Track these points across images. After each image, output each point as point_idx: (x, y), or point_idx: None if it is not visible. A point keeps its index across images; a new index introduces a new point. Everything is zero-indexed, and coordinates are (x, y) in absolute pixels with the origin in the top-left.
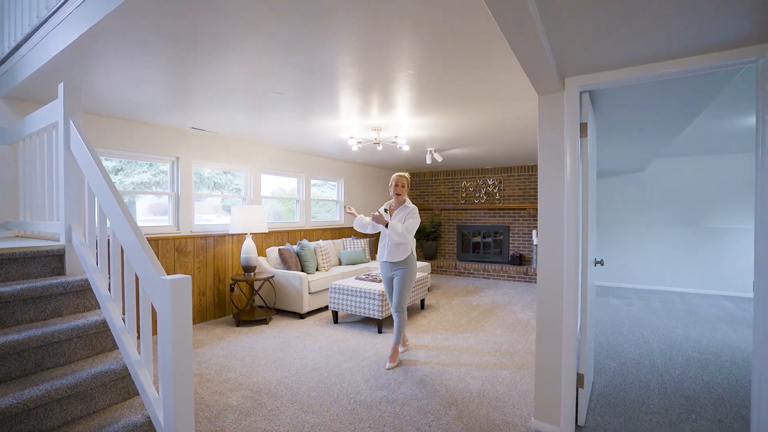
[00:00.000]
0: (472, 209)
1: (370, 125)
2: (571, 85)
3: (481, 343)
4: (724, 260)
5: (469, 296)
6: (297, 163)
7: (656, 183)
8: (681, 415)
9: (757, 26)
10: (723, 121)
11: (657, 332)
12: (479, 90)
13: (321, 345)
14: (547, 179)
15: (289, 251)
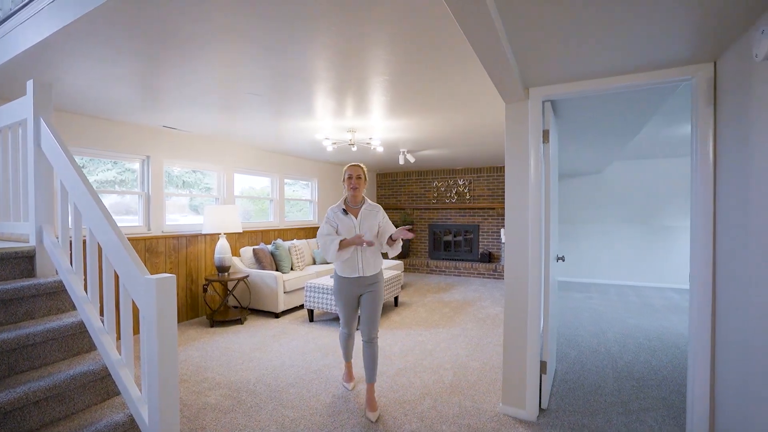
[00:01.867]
0: (443, 209)
1: (344, 126)
2: (535, 95)
3: (453, 338)
4: (671, 255)
5: (441, 293)
6: (271, 163)
7: (613, 184)
8: (631, 395)
9: (692, 50)
10: (668, 129)
11: (613, 323)
12: (450, 96)
13: (298, 343)
14: (513, 181)
15: (263, 251)
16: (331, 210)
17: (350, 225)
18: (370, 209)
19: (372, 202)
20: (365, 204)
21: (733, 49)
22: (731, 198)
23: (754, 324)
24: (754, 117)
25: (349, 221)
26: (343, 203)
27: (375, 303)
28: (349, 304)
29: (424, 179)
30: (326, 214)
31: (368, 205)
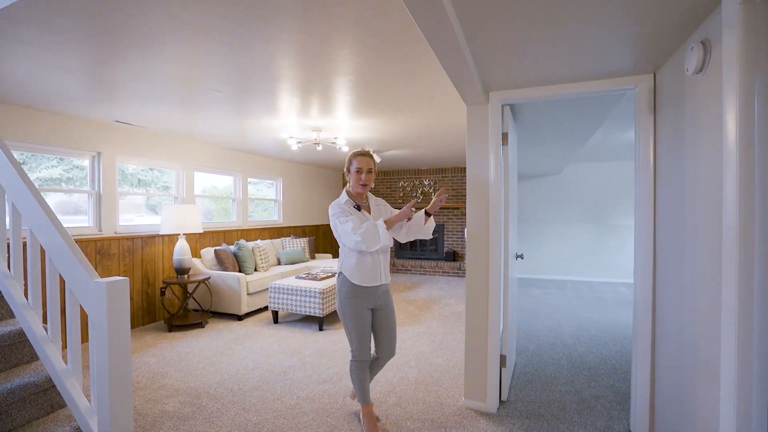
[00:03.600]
0: None
1: (310, 126)
2: (495, 98)
3: (418, 336)
4: (621, 252)
5: (406, 292)
6: (234, 161)
7: (569, 185)
8: (583, 384)
9: (634, 63)
10: (618, 134)
11: (568, 317)
12: (415, 98)
13: (262, 345)
14: (474, 181)
15: (225, 252)
16: (338, 206)
17: (365, 221)
18: (378, 205)
19: (379, 199)
20: (372, 200)
21: (669, 63)
22: (668, 199)
23: (687, 316)
24: (686, 125)
25: (365, 218)
26: (350, 199)
27: (393, 317)
28: (366, 320)
29: (390, 179)
30: (336, 209)
31: (375, 201)
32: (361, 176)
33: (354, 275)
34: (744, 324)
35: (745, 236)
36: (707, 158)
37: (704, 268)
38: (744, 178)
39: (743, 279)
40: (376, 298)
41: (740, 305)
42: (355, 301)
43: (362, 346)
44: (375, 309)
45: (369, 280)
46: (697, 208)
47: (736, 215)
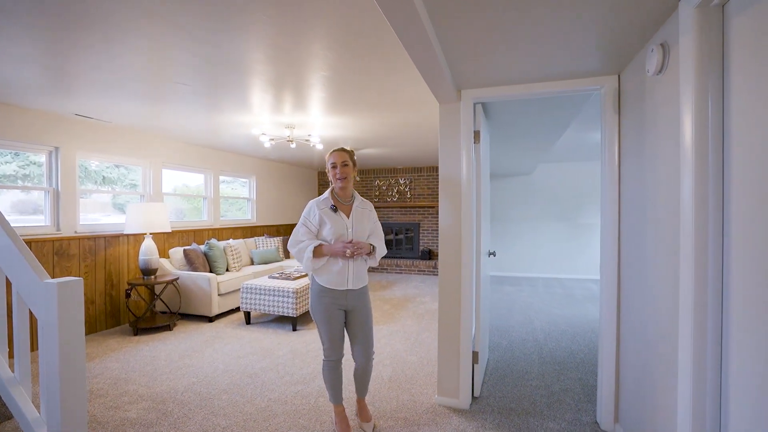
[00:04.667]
0: (385, 207)
1: (283, 122)
2: (466, 96)
3: (393, 334)
4: (590, 250)
5: (382, 291)
6: (205, 158)
7: (541, 184)
8: (553, 378)
9: (600, 64)
10: (586, 135)
11: (540, 313)
12: (390, 95)
13: (233, 347)
14: (446, 179)
15: (195, 251)
16: (315, 204)
17: (341, 226)
18: (363, 207)
19: (363, 199)
20: (357, 200)
21: (632, 64)
22: (631, 199)
23: (649, 313)
24: (646, 126)
25: (340, 221)
26: (331, 197)
27: (369, 319)
28: (336, 321)
29: (366, 178)
30: (305, 210)
31: (360, 202)
32: (336, 170)
33: (321, 277)
34: (699, 321)
35: (700, 235)
36: (666, 158)
37: (663, 267)
38: (699, 179)
39: (698, 278)
40: (348, 300)
41: (696, 303)
42: (322, 301)
43: (332, 346)
44: (348, 310)
45: (335, 284)
46: (657, 208)
47: (692, 216)
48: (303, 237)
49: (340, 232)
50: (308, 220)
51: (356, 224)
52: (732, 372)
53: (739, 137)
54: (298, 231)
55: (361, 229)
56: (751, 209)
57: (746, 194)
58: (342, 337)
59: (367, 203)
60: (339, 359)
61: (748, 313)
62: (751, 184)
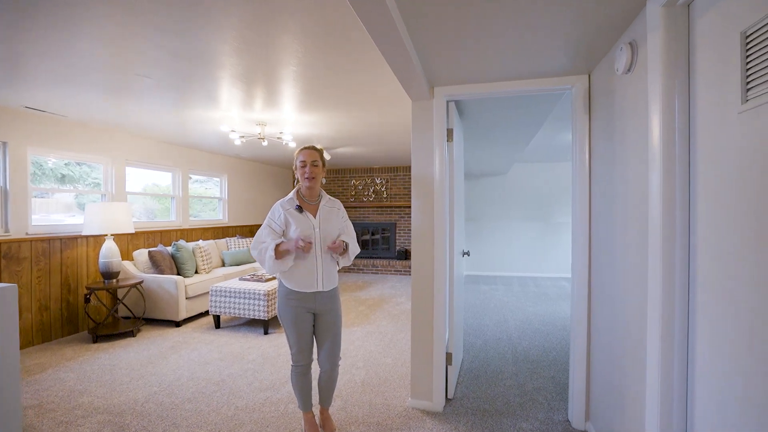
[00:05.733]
0: (361, 207)
1: (253, 119)
2: (439, 94)
3: (367, 335)
4: (563, 248)
5: (357, 291)
6: (173, 156)
7: (516, 184)
8: (526, 377)
9: (571, 63)
10: (559, 135)
11: (514, 312)
12: (362, 93)
13: (200, 353)
14: (418, 178)
15: (161, 253)
16: (280, 205)
17: (307, 226)
18: (331, 206)
19: (331, 197)
20: (324, 199)
21: (602, 63)
22: (601, 198)
23: (619, 312)
24: (615, 125)
25: (306, 221)
26: (297, 197)
27: (338, 323)
28: (305, 325)
29: (342, 177)
30: (270, 211)
31: (328, 201)
32: (306, 169)
33: (287, 279)
34: (666, 318)
35: (667, 234)
36: (634, 157)
37: (632, 266)
38: (667, 178)
39: (666, 277)
40: (317, 302)
41: (663, 302)
42: (289, 305)
43: (301, 351)
44: (317, 313)
45: (303, 286)
46: (627, 208)
47: (659, 214)
48: (266, 239)
49: (306, 232)
50: (273, 221)
51: (324, 224)
52: (698, 368)
53: (704, 137)
54: (261, 233)
55: (329, 228)
56: (717, 208)
57: (712, 193)
58: (311, 341)
59: (336, 202)
60: (308, 364)
61: (715, 310)
62: (717, 183)
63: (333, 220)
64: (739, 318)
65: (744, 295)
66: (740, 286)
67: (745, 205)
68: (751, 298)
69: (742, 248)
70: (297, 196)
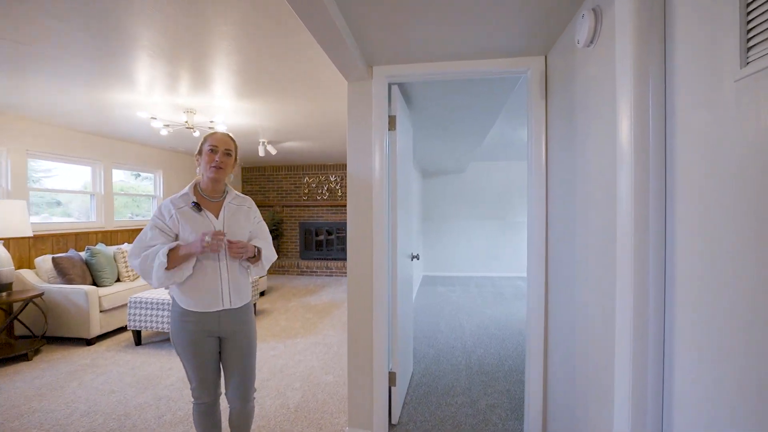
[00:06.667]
0: (315, 206)
1: (180, 105)
2: (379, 74)
3: (311, 348)
4: (519, 247)
5: (308, 296)
6: (93, 148)
7: (473, 183)
8: (480, 392)
9: (525, 42)
10: (515, 132)
11: (470, 315)
12: (308, 79)
13: (108, 378)
14: (355, 173)
15: (71, 259)
16: (171, 203)
17: (206, 228)
18: (239, 204)
19: (240, 194)
20: (230, 196)
21: (561, 40)
22: (560, 192)
23: (579, 322)
24: (576, 110)
25: (205, 222)
26: (193, 192)
27: (251, 348)
28: (207, 353)
29: (295, 174)
30: (156, 210)
31: (235, 198)
32: (216, 156)
33: (183, 296)
34: (639, 325)
35: (640, 234)
36: (597, 146)
37: (595, 268)
38: (639, 170)
39: (638, 280)
40: (222, 324)
41: (635, 311)
42: (188, 327)
43: (202, 385)
44: (224, 337)
45: (203, 304)
46: (589, 202)
47: (631, 214)
48: (152, 242)
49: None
50: (160, 221)
51: (229, 224)
52: (677, 376)
53: (688, 116)
54: (143, 236)
55: (237, 230)
56: (702, 202)
57: (694, 186)
58: (216, 371)
59: (246, 199)
60: (213, 401)
61: (695, 319)
62: (700, 174)
63: (242, 221)
64: (731, 316)
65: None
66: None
67: (742, 196)
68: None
69: (742, 250)
70: (194, 192)
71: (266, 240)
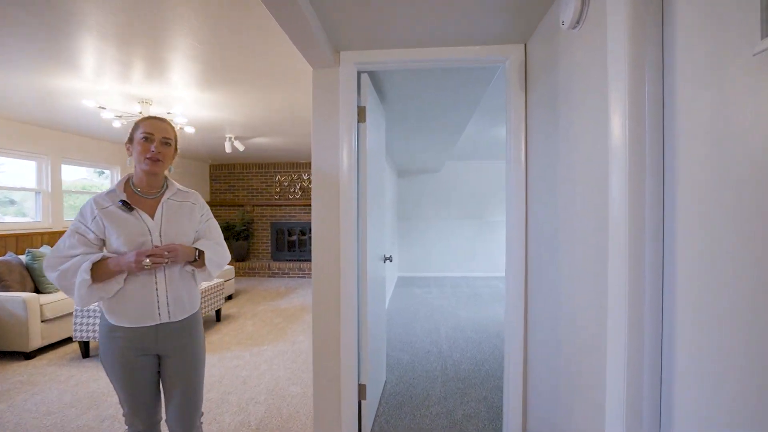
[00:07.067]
0: (287, 205)
1: (134, 95)
2: (347, 60)
3: (279, 356)
4: (496, 247)
5: (278, 299)
6: (36, 140)
7: (449, 182)
8: (456, 401)
9: (504, 28)
10: (491, 130)
11: (447, 318)
12: (267, 64)
13: (46, 396)
14: (320, 169)
15: (8, 264)
16: (94, 202)
17: (139, 230)
18: (182, 200)
19: (184, 188)
20: (170, 191)
21: (542, 27)
22: (541, 189)
23: (563, 320)
24: (559, 100)
25: (137, 223)
26: (123, 189)
27: (196, 367)
28: (141, 375)
29: (266, 172)
30: (78, 213)
31: (176, 194)
32: (151, 146)
33: (111, 309)
34: (635, 335)
35: (635, 235)
36: (584, 140)
37: (584, 274)
38: (633, 168)
39: (634, 283)
40: (160, 340)
41: (630, 317)
42: (115, 344)
43: (134, 410)
44: (163, 355)
45: (135, 318)
46: (574, 201)
47: (625, 215)
48: (73, 251)
49: (137, 240)
50: (82, 225)
51: (168, 225)
52: (677, 380)
53: (687, 104)
54: (60, 246)
55: (176, 232)
56: (704, 199)
57: (698, 179)
58: (153, 395)
59: (191, 194)
60: (151, 429)
61: (698, 325)
62: (704, 165)
63: (183, 221)
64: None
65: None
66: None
67: (759, 187)
68: None
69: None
70: (125, 188)
71: (217, 242)
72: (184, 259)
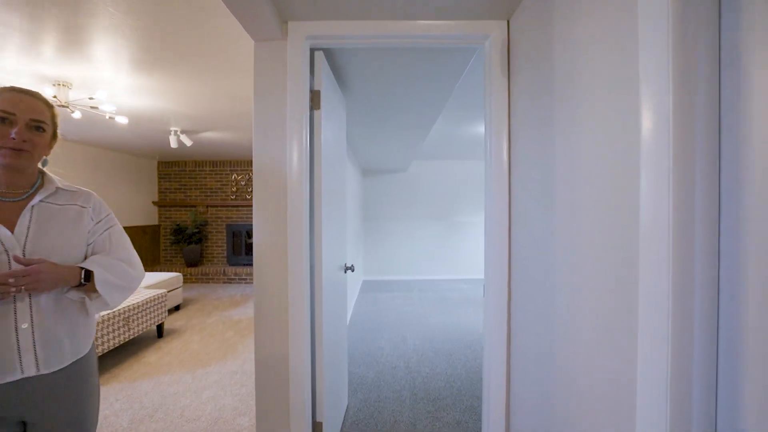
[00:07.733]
0: (244, 206)
1: (46, 76)
2: (297, 32)
3: (226, 378)
4: (463, 249)
5: (232, 309)
6: None
7: (416, 182)
8: (427, 426)
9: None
10: (460, 127)
11: (414, 326)
12: (214, 44)
13: None
14: (262, 165)
15: None
16: None
17: None
18: (64, 203)
19: (70, 186)
20: (46, 190)
21: (527, 1)
22: (531, 186)
23: (560, 340)
24: (555, 85)
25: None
26: None
27: (85, 422)
28: None
29: (221, 171)
30: None
31: (55, 194)
32: (11, 131)
33: None
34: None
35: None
36: (594, 131)
37: (594, 282)
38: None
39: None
40: (24, 401)
41: (674, 332)
42: None
43: None
44: (30, 422)
45: None
46: (579, 202)
47: (667, 216)
48: None
49: None
50: None
51: (37, 238)
52: None
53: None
54: None
55: (52, 246)
56: None
57: None
58: None
59: (81, 194)
60: None
61: None
62: None
63: (66, 230)
64: None
65: None
66: None
67: None
68: None
69: None
70: None
71: (117, 256)
72: (55, 285)
